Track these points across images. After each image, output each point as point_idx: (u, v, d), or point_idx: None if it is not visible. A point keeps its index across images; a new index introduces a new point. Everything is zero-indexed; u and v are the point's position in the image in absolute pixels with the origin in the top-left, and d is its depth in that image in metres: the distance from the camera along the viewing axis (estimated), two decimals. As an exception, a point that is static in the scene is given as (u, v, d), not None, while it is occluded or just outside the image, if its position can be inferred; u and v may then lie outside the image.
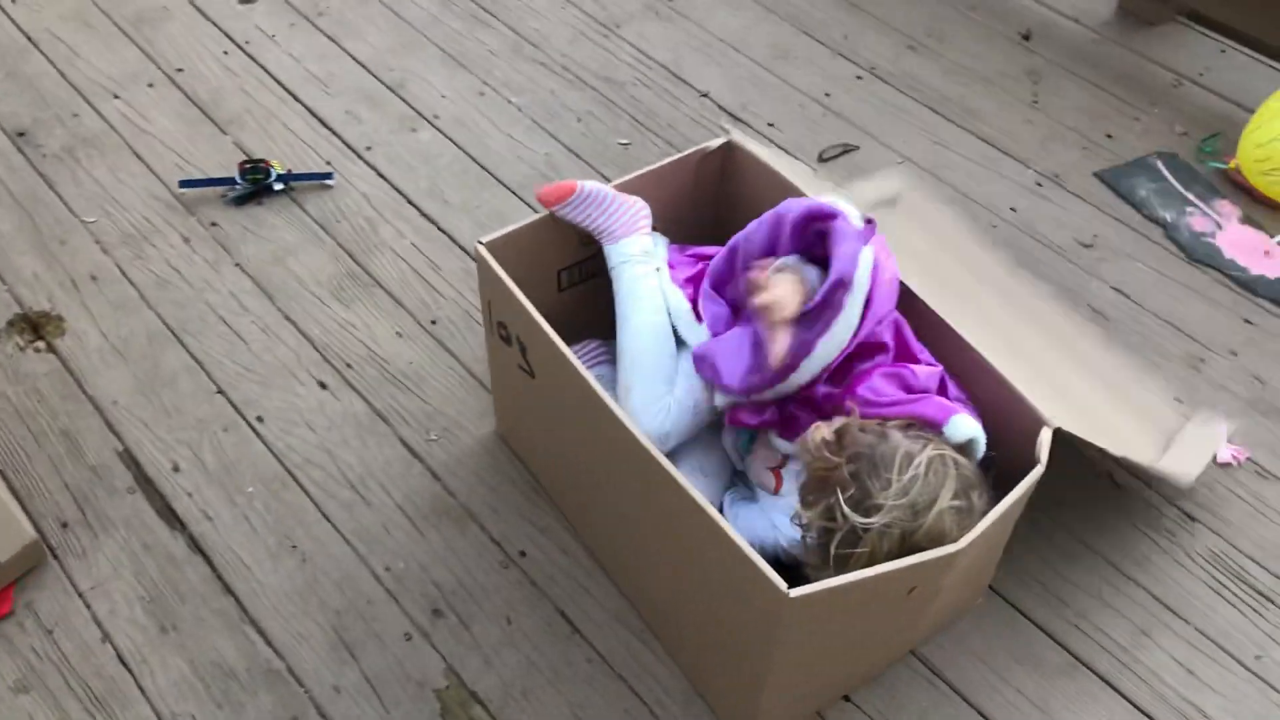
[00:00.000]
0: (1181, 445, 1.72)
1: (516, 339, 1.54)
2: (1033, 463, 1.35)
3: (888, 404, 1.38)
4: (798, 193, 1.61)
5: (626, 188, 1.65)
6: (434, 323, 1.97)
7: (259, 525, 1.69)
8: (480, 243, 1.54)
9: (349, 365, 1.90)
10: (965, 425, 1.37)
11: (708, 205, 1.75)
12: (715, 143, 1.69)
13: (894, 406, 1.37)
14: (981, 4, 2.66)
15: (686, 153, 1.68)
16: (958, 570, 1.34)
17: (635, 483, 1.38)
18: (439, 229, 2.13)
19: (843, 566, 1.26)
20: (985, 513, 1.30)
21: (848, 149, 2.29)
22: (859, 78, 2.47)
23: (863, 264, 1.41)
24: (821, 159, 2.26)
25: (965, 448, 1.36)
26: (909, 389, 1.40)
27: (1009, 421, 1.41)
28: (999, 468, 1.38)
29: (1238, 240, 2.13)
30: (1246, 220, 2.17)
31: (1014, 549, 1.60)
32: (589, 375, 1.39)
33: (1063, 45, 2.55)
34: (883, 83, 2.46)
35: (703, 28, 2.58)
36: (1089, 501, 1.73)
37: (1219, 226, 2.16)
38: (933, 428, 1.35)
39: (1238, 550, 1.70)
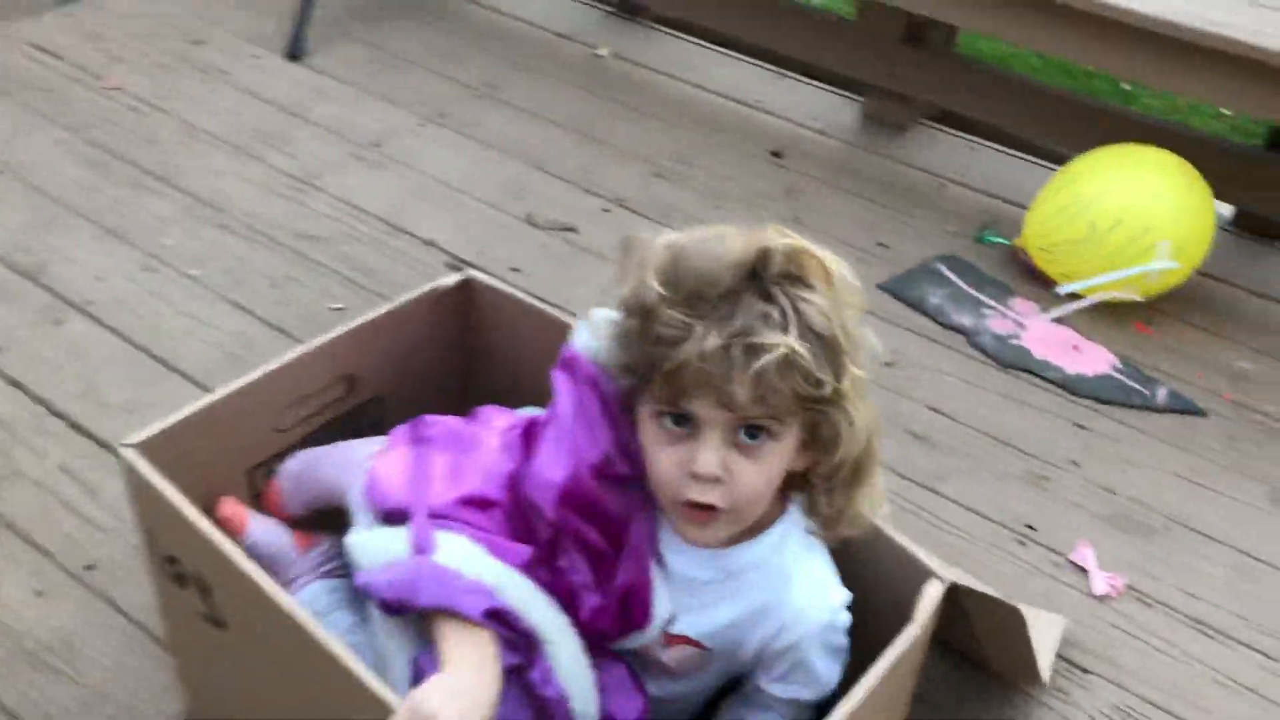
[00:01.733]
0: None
1: (194, 577, 1.06)
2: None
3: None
4: (552, 324, 1.24)
5: (341, 344, 1.23)
6: (90, 568, 1.45)
7: None
8: (125, 445, 1.07)
9: (-35, 647, 1.34)
10: None
11: (449, 354, 1.35)
12: (450, 279, 1.31)
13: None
14: (723, 126, 2.45)
15: (415, 294, 1.29)
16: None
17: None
18: (95, 442, 1.62)
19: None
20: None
21: (567, 228, 2.07)
22: (606, 210, 2.17)
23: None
24: (533, 223, 2.01)
25: None
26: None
27: (890, 580, 1.06)
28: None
29: (1045, 339, 1.93)
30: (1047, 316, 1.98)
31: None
32: (304, 616, 0.94)
33: (816, 159, 2.36)
34: (634, 213, 2.17)
35: (420, 172, 2.23)
36: (964, 674, 1.40)
37: (1022, 326, 1.95)
38: None
39: (1143, 700, 1.40)
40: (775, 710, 1.08)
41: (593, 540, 1.00)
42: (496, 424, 1.15)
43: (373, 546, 1.03)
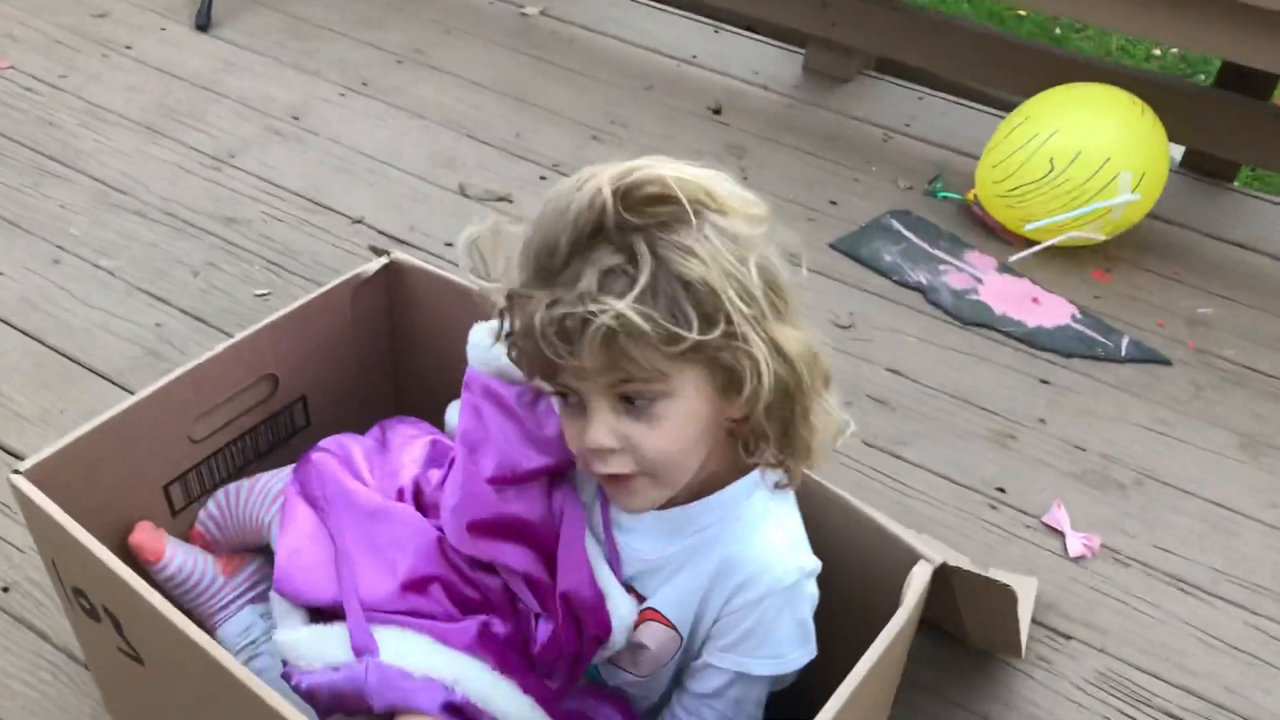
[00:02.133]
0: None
1: (104, 610, 0.96)
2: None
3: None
4: (484, 304, 1.15)
5: (257, 342, 1.13)
6: (6, 591, 1.34)
7: None
8: (18, 473, 0.96)
9: None
10: None
11: (377, 344, 1.25)
12: (373, 265, 1.21)
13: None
14: (658, 83, 2.35)
15: (334, 284, 1.19)
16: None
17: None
18: (6, 453, 1.50)
19: None
20: None
21: (501, 198, 1.96)
22: (543, 178, 2.07)
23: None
24: (465, 194, 1.90)
25: None
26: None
27: (880, 566, 0.99)
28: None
29: (1002, 292, 1.87)
30: (1004, 269, 1.92)
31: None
32: (222, 653, 0.85)
33: (757, 115, 2.27)
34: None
35: (342, 145, 2.11)
36: (942, 648, 1.34)
37: (979, 280, 1.89)
38: None
39: (1127, 664, 1.35)
40: (721, 695, 0.96)
41: (518, 563, 0.92)
42: (407, 464, 1.05)
43: (309, 648, 0.94)
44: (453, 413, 1.10)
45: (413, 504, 1.00)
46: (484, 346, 0.95)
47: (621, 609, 0.93)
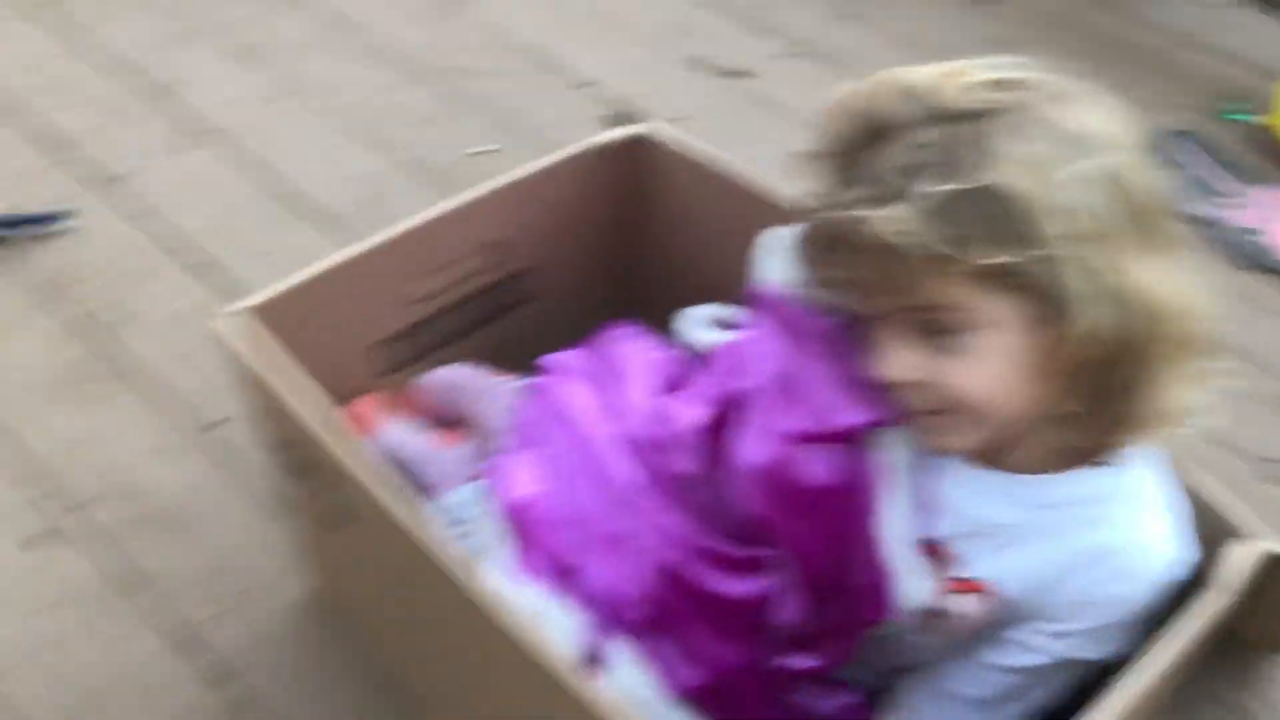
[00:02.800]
0: None
1: (308, 469, 0.91)
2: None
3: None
4: (747, 194, 1.03)
5: (486, 205, 1.05)
6: (212, 428, 1.33)
7: (-87, 796, 1.03)
8: (225, 314, 0.91)
9: (79, 505, 1.24)
10: None
11: (614, 224, 1.15)
12: (619, 134, 1.10)
13: None
14: (917, -39, 2.13)
15: (572, 151, 1.09)
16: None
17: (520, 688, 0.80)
18: (224, 287, 1.49)
19: None
20: None
21: (741, 73, 1.82)
22: (783, 55, 1.91)
23: None
24: (702, 68, 1.79)
25: None
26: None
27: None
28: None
29: (1295, 236, 1.63)
30: (1300, 210, 1.67)
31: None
32: (431, 535, 0.79)
33: (1028, 7, 2.04)
34: (814, 60, 1.90)
35: (579, 1, 2.00)
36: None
37: (1267, 220, 1.65)
38: None
39: None
40: (1023, 670, 0.82)
41: (801, 543, 0.81)
42: (637, 402, 0.93)
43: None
44: (689, 323, 0.98)
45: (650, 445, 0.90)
46: (782, 260, 0.83)
47: (913, 590, 0.81)
